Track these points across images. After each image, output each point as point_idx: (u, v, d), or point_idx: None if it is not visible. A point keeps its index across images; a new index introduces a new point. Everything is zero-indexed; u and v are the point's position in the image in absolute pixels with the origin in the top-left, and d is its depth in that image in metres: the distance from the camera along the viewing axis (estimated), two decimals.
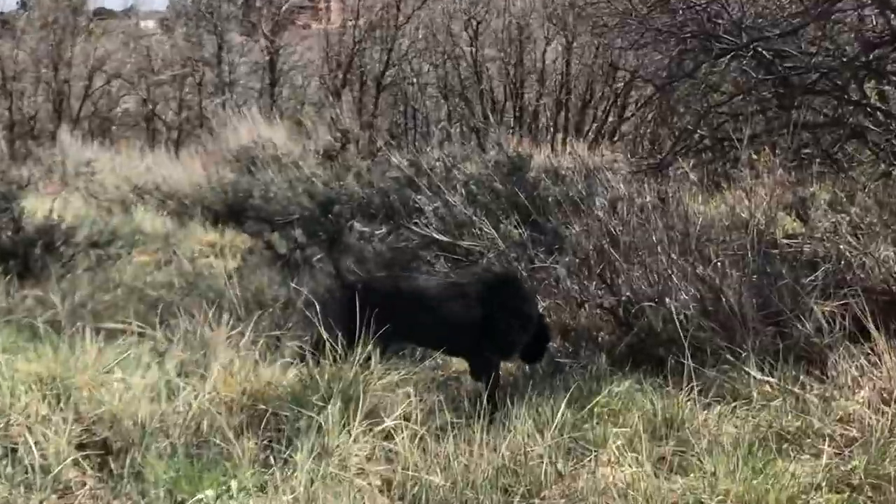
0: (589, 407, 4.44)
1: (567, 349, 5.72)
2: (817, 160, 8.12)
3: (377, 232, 8.33)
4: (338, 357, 4.47)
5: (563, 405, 4.24)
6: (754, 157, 6.55)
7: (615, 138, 16.44)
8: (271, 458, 3.87)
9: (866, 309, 4.84)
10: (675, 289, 5.57)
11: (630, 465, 3.86)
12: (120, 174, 14.04)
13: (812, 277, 5.47)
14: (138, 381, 4.40)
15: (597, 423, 4.35)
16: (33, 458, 3.73)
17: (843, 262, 5.55)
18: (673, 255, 5.75)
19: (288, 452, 3.85)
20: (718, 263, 5.66)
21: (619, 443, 4.05)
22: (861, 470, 3.86)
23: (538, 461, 3.88)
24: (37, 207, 8.53)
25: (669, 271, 5.65)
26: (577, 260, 6.00)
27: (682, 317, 5.20)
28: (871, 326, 4.75)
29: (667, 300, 5.53)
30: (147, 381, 4.42)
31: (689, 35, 8.55)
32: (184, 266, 8.45)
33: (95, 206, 11.84)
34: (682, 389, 4.62)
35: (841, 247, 5.63)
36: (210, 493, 2.63)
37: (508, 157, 7.65)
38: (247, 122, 14.41)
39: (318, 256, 8.30)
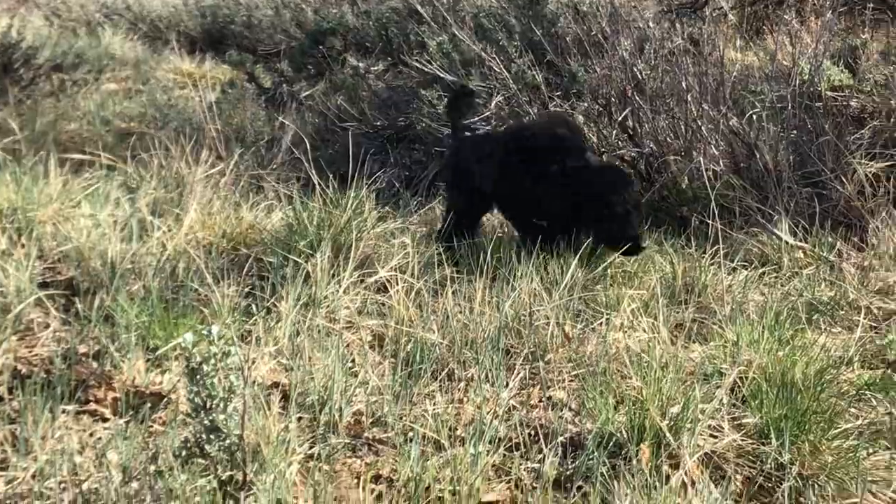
0: (602, 267, 4.44)
1: None
2: (870, 5, 7.95)
3: (373, 68, 8.24)
4: (328, 201, 4.46)
5: (573, 264, 4.22)
6: None
7: None
8: (253, 306, 3.88)
9: None
10: (705, 142, 5.55)
11: (645, 331, 3.88)
12: None
13: (857, 135, 5.44)
14: (108, 217, 4.41)
15: (610, 285, 4.37)
16: None
17: (892, 119, 5.51)
18: (704, 105, 5.71)
19: (272, 301, 3.88)
20: (754, 116, 5.62)
21: (633, 306, 4.04)
22: None
23: (544, 322, 3.89)
24: None
25: (699, 122, 5.62)
26: (597, 106, 5.93)
27: (710, 173, 5.19)
28: None
29: (694, 154, 5.52)
30: (117, 219, 4.42)
31: None
32: (157, 96, 8.38)
33: (58, 27, 11.68)
34: (705, 252, 4.64)
35: (892, 102, 5.57)
36: (189, 336, 2.63)
37: None
38: None
39: (307, 93, 8.25)
